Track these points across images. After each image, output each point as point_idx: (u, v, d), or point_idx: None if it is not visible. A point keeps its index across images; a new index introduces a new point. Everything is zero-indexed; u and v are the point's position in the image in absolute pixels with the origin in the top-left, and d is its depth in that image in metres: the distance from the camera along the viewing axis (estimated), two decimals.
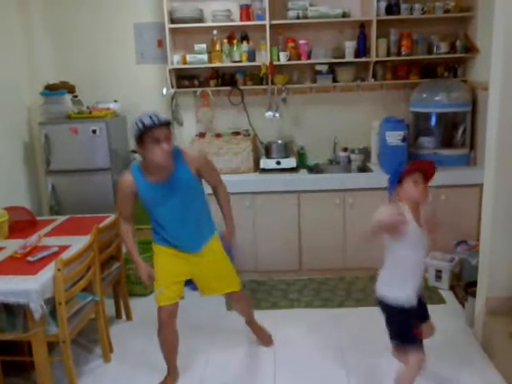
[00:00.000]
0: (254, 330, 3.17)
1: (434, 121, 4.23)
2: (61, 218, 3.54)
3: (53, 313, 2.52)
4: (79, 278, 2.73)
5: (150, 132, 2.31)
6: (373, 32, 4.06)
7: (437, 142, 4.20)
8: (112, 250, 3.28)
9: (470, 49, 4.11)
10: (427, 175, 2.37)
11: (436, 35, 4.16)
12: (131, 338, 3.26)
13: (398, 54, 4.16)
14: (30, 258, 2.67)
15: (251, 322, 3.16)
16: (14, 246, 2.86)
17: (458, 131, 4.17)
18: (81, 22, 4.37)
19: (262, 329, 3.18)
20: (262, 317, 3.52)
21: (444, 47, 4.12)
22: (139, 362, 2.79)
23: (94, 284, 2.93)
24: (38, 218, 3.46)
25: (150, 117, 2.31)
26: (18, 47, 4.09)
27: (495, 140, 2.91)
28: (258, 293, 3.96)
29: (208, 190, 2.76)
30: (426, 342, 2.51)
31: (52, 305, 2.51)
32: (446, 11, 4.04)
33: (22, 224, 3.27)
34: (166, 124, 2.37)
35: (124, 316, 3.60)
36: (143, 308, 3.65)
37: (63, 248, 2.83)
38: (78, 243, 2.88)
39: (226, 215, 2.83)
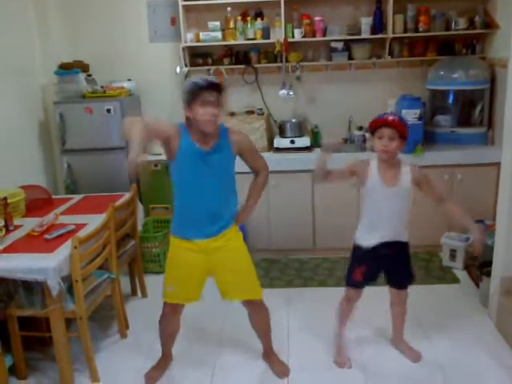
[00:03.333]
0: (271, 361, 2.82)
1: (451, 99, 4.17)
2: (77, 197, 3.58)
3: (70, 290, 2.56)
4: (95, 255, 2.76)
5: (200, 92, 2.25)
6: (389, 8, 3.98)
7: (454, 121, 4.14)
8: (127, 228, 3.31)
9: (490, 25, 4.01)
10: (401, 132, 2.42)
11: (454, 10, 4.06)
12: (146, 315, 3.31)
13: (416, 30, 4.07)
14: (47, 236, 2.71)
15: (269, 351, 2.83)
16: (31, 224, 2.90)
17: (476, 109, 4.10)
18: (94, 0, 4.35)
19: (279, 360, 2.82)
20: (276, 295, 3.56)
21: (462, 23, 4.02)
22: (154, 338, 2.82)
23: (109, 262, 2.97)
24: (53, 197, 3.51)
25: (203, 79, 2.27)
26: (31, 27, 4.09)
27: None
28: (271, 271, 3.98)
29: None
30: (439, 320, 2.52)
31: (69, 282, 2.55)
32: None
33: (38, 202, 3.31)
34: (218, 89, 2.29)
35: (139, 293, 3.66)
36: (158, 285, 3.63)
37: (80, 226, 2.86)
38: (94, 221, 2.90)
39: (253, 196, 2.62)
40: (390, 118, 2.44)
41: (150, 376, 2.74)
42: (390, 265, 2.66)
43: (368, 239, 2.59)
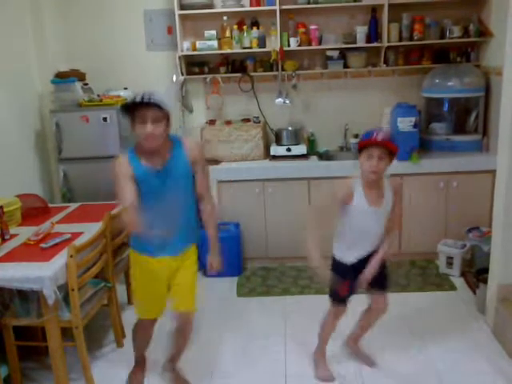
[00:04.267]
0: (174, 376, 2.75)
1: (446, 106, 4.19)
2: (73, 206, 3.57)
3: (66, 299, 2.55)
4: (92, 264, 2.75)
5: (138, 110, 2.19)
6: (384, 16, 4.01)
7: (449, 128, 4.16)
8: (124, 237, 3.30)
9: (484, 33, 4.04)
10: (391, 150, 2.36)
11: (449, 19, 4.10)
12: None
13: (410, 38, 4.11)
14: (43, 245, 2.70)
15: (173, 362, 2.74)
16: (27, 233, 2.89)
17: (471, 117, 4.12)
18: (91, 9, 4.37)
19: (183, 377, 2.75)
20: (273, 303, 3.55)
21: (457, 31, 4.05)
22: (150, 347, 2.81)
23: (106, 270, 2.96)
24: (50, 206, 3.50)
25: (142, 95, 2.19)
26: (28, 36, 4.09)
27: (509, 126, 2.87)
28: (268, 279, 3.97)
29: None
30: (436, 327, 2.51)
31: (65, 291, 2.53)
32: None
33: (34, 211, 3.30)
34: (157, 105, 2.19)
35: None
36: None
37: (76, 235, 2.85)
38: (90, 230, 2.90)
39: (211, 236, 2.52)
40: (380, 137, 2.34)
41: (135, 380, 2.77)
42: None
43: (348, 256, 2.58)
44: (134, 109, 2.21)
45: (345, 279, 2.60)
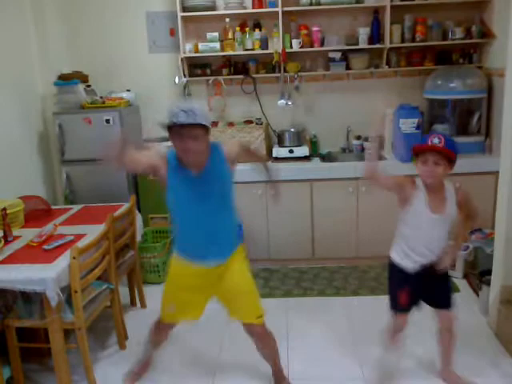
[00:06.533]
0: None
1: (448, 108, 4.19)
2: (76, 207, 3.58)
3: (69, 300, 2.55)
4: (94, 266, 2.76)
5: (177, 128, 2.11)
6: (387, 18, 4.02)
7: (451, 130, 4.15)
8: (126, 239, 3.31)
9: (486, 34, 4.04)
10: (449, 157, 2.27)
11: (451, 20, 4.10)
12: (145, 326, 3.27)
13: (413, 40, 4.11)
14: (45, 247, 2.70)
15: (278, 373, 2.70)
16: (29, 234, 2.90)
17: (474, 118, 4.11)
18: (93, 11, 4.38)
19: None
20: (275, 304, 3.55)
21: (459, 33, 4.05)
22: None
23: (109, 272, 2.96)
24: (53, 207, 3.50)
25: (186, 113, 2.06)
26: (30, 38, 4.11)
27: (511, 127, 2.87)
28: (270, 281, 3.97)
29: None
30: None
31: (68, 293, 2.54)
32: None
33: (37, 213, 3.31)
34: (199, 125, 2.10)
35: (138, 304, 3.65)
36: (157, 296, 3.62)
37: (78, 237, 2.86)
38: (93, 232, 2.90)
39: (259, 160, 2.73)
40: (437, 142, 2.24)
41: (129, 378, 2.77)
42: (431, 287, 2.50)
43: (408, 262, 2.44)
44: (173, 126, 2.11)
45: (403, 287, 2.46)
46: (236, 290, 2.45)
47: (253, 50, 4.16)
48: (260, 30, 4.16)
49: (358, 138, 4.36)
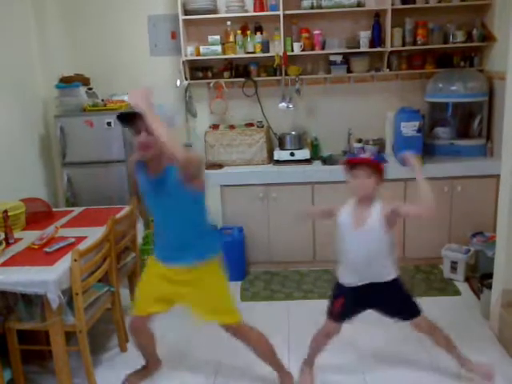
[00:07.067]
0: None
1: (449, 111, 4.20)
2: (77, 210, 3.57)
3: (70, 303, 2.55)
4: (95, 268, 2.76)
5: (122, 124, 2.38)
6: (388, 21, 4.02)
7: (453, 133, 4.16)
8: (127, 241, 3.31)
9: (487, 37, 4.05)
10: (375, 168, 2.33)
11: (452, 24, 4.10)
12: None
13: (414, 43, 4.11)
14: (47, 249, 2.70)
15: (281, 373, 2.72)
16: (31, 237, 2.90)
17: (475, 121, 4.12)
18: (95, 14, 4.39)
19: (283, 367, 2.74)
20: (276, 307, 3.55)
21: (460, 36, 4.05)
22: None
23: (110, 275, 2.96)
24: (54, 210, 3.51)
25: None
26: (32, 40, 4.12)
27: None
28: (271, 284, 3.97)
29: None
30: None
31: (69, 295, 2.54)
32: None
33: (38, 215, 3.31)
34: (134, 117, 2.24)
35: None
36: None
37: (80, 239, 2.86)
38: (94, 234, 2.90)
39: None
40: (366, 156, 2.41)
41: (129, 379, 2.76)
42: (378, 305, 2.55)
43: (346, 278, 2.52)
44: (120, 123, 2.36)
45: (339, 296, 2.55)
46: (202, 301, 2.47)
47: (254, 53, 4.17)
48: (261, 33, 4.17)
49: (359, 140, 4.36)
